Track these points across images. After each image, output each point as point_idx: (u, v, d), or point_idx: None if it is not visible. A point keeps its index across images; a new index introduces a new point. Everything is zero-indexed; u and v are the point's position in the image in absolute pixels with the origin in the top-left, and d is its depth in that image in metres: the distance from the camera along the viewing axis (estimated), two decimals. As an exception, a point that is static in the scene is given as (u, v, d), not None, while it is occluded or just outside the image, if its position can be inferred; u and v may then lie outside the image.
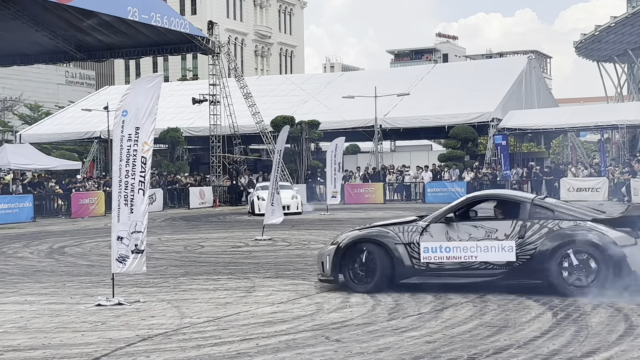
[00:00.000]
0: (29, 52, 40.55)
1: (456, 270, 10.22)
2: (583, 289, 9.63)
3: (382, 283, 10.40)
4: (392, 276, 10.42)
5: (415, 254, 10.33)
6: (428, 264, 10.30)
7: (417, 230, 10.43)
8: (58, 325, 8.84)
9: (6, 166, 33.32)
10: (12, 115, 62.68)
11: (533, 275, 9.91)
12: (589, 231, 9.77)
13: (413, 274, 10.39)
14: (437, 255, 10.26)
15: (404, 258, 10.34)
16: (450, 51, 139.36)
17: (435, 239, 10.30)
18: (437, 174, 38.34)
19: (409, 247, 10.36)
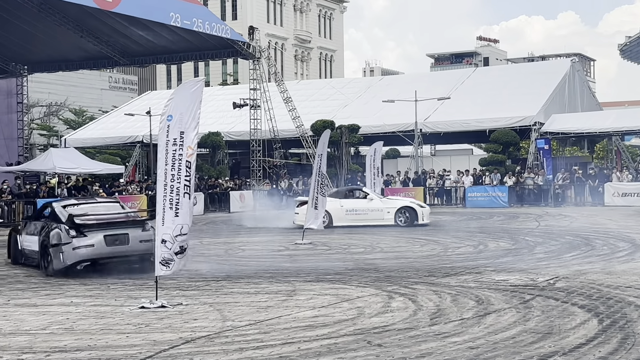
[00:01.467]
0: (74, 58, 41.26)
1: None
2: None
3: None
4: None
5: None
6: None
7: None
8: (103, 327, 8.97)
9: (52, 170, 33.90)
10: (58, 120, 63.77)
11: None
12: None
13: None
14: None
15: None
16: (491, 55, 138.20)
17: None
18: (478, 178, 38.01)
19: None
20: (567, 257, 15.17)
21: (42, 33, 37.09)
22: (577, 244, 17.40)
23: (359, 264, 14.75)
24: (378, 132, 41.09)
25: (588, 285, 11.26)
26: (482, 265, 14.09)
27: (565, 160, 44.95)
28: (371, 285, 11.77)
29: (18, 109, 41.58)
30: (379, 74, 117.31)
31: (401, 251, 17.12)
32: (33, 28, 36.31)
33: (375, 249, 17.82)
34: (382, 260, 15.32)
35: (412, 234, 21.29)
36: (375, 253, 16.91)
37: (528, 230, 21.75)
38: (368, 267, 14.18)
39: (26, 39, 37.89)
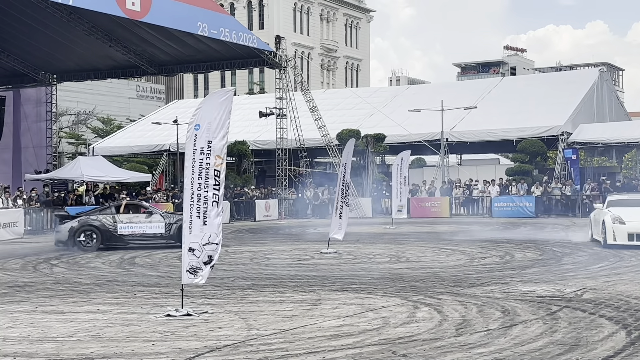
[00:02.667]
0: (102, 67, 41.73)
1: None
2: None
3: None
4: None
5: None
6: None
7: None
8: (129, 335, 9.03)
9: (80, 178, 34.27)
10: (86, 129, 64.45)
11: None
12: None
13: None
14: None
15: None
16: (518, 64, 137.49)
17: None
18: (504, 188, 37.78)
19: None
20: (595, 268, 15.02)
21: (71, 42, 37.56)
22: (605, 255, 17.21)
23: (384, 274, 14.71)
24: (404, 141, 41.02)
25: (616, 297, 11.13)
26: (508, 275, 13.99)
27: (593, 171, 44.51)
28: (396, 295, 11.73)
29: (47, 117, 42.11)
30: (405, 83, 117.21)
31: (427, 261, 17.06)
32: (62, 37, 36.78)
33: (401, 258, 17.77)
34: (408, 270, 15.27)
35: (439, 244, 21.20)
36: (400, 263, 16.86)
37: (555, 241, 21.55)
38: (393, 277, 14.14)
39: (55, 48, 38.39)
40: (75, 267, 17.22)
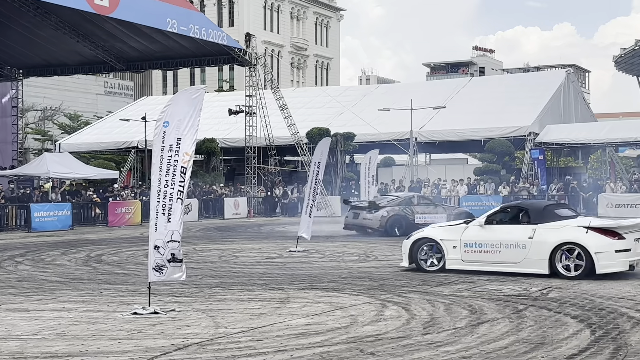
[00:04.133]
0: (70, 62, 41.27)
1: None
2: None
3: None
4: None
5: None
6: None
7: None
8: (95, 333, 8.94)
9: (46, 174, 33.82)
10: (52, 125, 63.67)
11: None
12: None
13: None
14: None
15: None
16: (487, 65, 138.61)
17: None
18: (472, 187, 38.06)
19: None
20: (561, 267, 15.17)
21: (38, 37, 37.07)
22: (571, 255, 17.38)
23: (353, 272, 14.75)
24: (373, 140, 41.12)
25: (581, 296, 11.28)
26: (475, 274, 14.09)
27: (559, 171, 45.03)
28: (365, 294, 11.76)
29: (13, 112, 41.54)
30: (374, 82, 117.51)
31: (395, 260, 17.10)
32: (29, 32, 36.29)
33: (369, 257, 17.82)
34: (376, 269, 15.32)
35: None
36: (369, 261, 16.91)
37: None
38: (362, 276, 14.18)
39: (22, 42, 37.86)
40: (40, 264, 17.01)
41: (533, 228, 13.46)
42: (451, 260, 14.16)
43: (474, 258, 13.94)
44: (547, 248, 13.18)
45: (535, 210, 13.89)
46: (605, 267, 12.87)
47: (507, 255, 13.59)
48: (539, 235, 13.34)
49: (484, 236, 13.90)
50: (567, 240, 13.10)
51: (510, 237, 13.64)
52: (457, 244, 14.08)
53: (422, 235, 14.66)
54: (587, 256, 12.86)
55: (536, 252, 13.28)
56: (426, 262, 14.45)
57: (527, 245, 13.36)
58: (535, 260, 13.28)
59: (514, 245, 13.48)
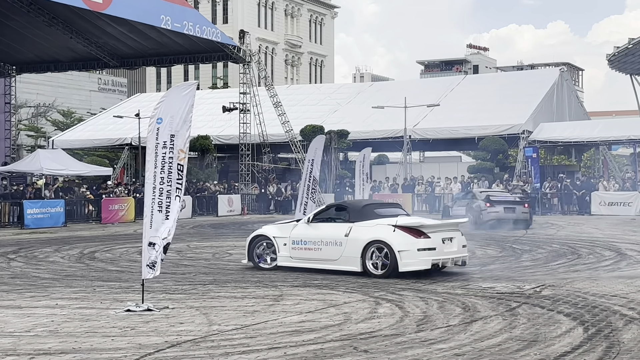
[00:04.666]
0: (63, 59, 41.14)
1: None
2: None
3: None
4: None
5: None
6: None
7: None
8: (88, 330, 8.92)
9: (39, 171, 33.73)
10: (45, 121, 63.49)
11: None
12: None
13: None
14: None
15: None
16: (481, 62, 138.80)
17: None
18: (466, 185, 38.10)
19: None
20: (554, 265, 15.23)
21: (31, 33, 36.95)
22: (564, 253, 17.47)
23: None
24: (367, 137, 41.14)
25: (574, 294, 11.31)
26: (469, 272, 14.12)
27: (552, 169, 45.15)
28: (358, 291, 11.77)
29: (6, 109, 41.40)
30: (368, 79, 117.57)
31: (388, 257, 17.10)
32: (22, 28, 36.17)
33: (363, 254, 17.78)
34: (370, 266, 15.30)
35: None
36: (362, 259, 16.88)
37: (515, 238, 21.81)
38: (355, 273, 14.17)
39: (15, 39, 37.73)
40: (33, 261, 16.97)
41: (349, 226, 13.73)
42: (282, 257, 14.28)
43: (300, 255, 14.04)
44: (359, 246, 13.46)
45: (354, 209, 14.21)
46: (407, 265, 13.08)
47: (327, 252, 13.82)
48: (354, 233, 13.61)
49: (309, 234, 14.05)
50: (376, 238, 13.35)
51: (330, 234, 13.87)
52: (287, 241, 14.22)
53: (259, 233, 14.70)
54: (392, 254, 13.09)
55: (351, 250, 13.55)
56: (262, 258, 14.51)
57: (343, 243, 13.64)
58: (349, 258, 13.56)
59: (333, 243, 13.73)
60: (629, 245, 19.05)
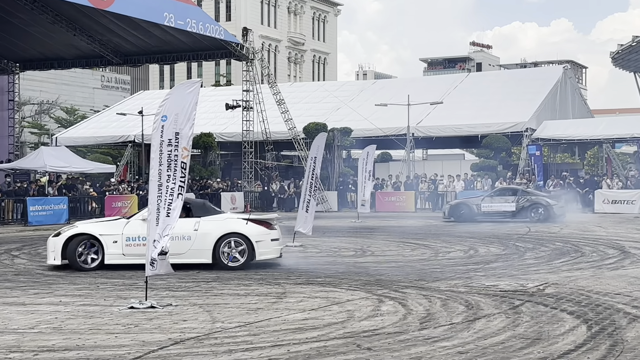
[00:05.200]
0: (67, 56, 41.17)
1: None
2: None
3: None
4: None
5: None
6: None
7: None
8: (92, 327, 8.94)
9: (42, 168, 33.79)
10: (49, 119, 63.57)
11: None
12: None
13: None
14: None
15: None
16: (484, 60, 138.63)
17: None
18: (469, 183, 38.08)
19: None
20: (557, 263, 15.22)
21: (35, 31, 36.98)
22: (567, 251, 17.45)
23: (350, 267, 14.76)
24: (370, 135, 41.11)
25: (577, 292, 11.30)
26: (472, 270, 14.12)
27: (556, 167, 45.13)
28: (361, 289, 11.77)
29: (9, 106, 41.44)
30: (371, 77, 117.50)
31: (391, 255, 17.14)
32: (26, 25, 36.20)
33: (366, 252, 17.83)
34: (373, 264, 15.33)
35: (404, 239, 21.32)
36: (365, 256, 16.92)
37: (518, 236, 21.80)
38: (358, 271, 14.19)
39: (19, 36, 37.76)
40: (37, 258, 17.00)
41: (197, 221, 14.28)
42: (111, 255, 14.21)
43: (137, 252, 13.94)
44: (211, 239, 14.16)
45: (197, 205, 14.91)
46: (263, 254, 14.46)
47: (173, 247, 13.63)
48: (203, 227, 14.21)
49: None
50: (232, 230, 14.25)
51: (177, 229, 13.83)
52: (119, 238, 14.21)
53: (79, 231, 14.39)
54: (249, 245, 14.22)
55: (201, 243, 14.15)
56: (82, 257, 14.22)
57: (192, 237, 14.12)
58: (199, 251, 14.14)
59: (180, 237, 13.90)
60: (633, 243, 19.03)
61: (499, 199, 28.80)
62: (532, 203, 28.21)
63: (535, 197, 28.87)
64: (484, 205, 28.71)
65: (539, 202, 28.34)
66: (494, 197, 28.98)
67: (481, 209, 28.67)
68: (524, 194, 28.81)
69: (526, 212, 28.01)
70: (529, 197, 28.56)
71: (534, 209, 28.09)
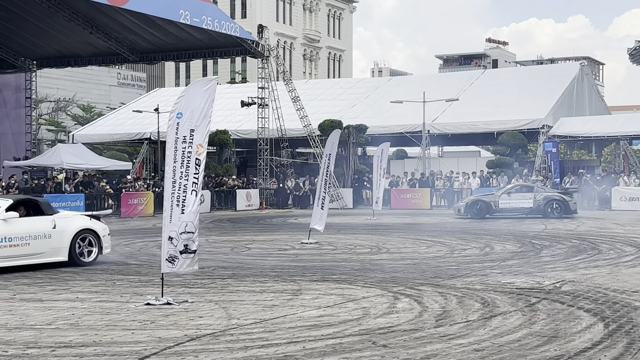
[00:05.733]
0: (83, 54, 41.38)
1: None
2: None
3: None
4: None
5: None
6: None
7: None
8: (108, 323, 8.99)
9: (59, 165, 33.99)
10: (66, 116, 63.93)
11: None
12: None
13: None
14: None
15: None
16: (500, 57, 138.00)
17: None
18: (485, 180, 37.94)
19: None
20: (574, 260, 15.14)
21: (52, 28, 37.20)
22: (584, 248, 17.36)
23: (365, 265, 14.75)
24: (385, 132, 41.03)
25: (594, 289, 11.23)
26: (488, 267, 14.07)
27: (572, 164, 44.83)
28: (377, 286, 11.76)
29: (26, 104, 41.71)
30: (387, 74, 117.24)
31: (407, 252, 17.11)
32: (43, 23, 36.41)
33: (381, 249, 17.82)
34: (388, 261, 15.31)
35: (419, 236, 21.27)
36: (381, 254, 16.91)
37: (534, 233, 21.70)
38: (374, 268, 14.18)
39: (36, 34, 37.99)
40: (54, 255, 17.07)
41: (53, 219, 14.23)
42: None
43: (3, 254, 13.46)
44: (68, 236, 14.23)
45: (45, 203, 14.99)
46: (107, 248, 15.08)
47: (35, 246, 13.90)
48: (59, 224, 14.21)
49: (11, 230, 13.63)
50: (85, 227, 14.66)
51: (37, 228, 14.00)
52: None
53: None
54: (98, 240, 14.73)
55: (59, 241, 14.13)
56: None
57: (52, 235, 14.07)
58: (57, 249, 14.12)
59: (42, 236, 13.91)
60: (650, 241, 18.88)
61: (516, 195, 29.03)
62: (549, 200, 28.46)
63: (552, 193, 29.28)
64: (502, 202, 28.87)
65: (555, 198, 28.60)
66: (511, 194, 29.18)
67: (498, 205, 28.85)
68: (540, 191, 29.15)
69: (543, 208, 28.27)
70: (546, 194, 28.90)
71: (550, 205, 28.35)
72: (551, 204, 28.33)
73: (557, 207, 28.18)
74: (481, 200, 29.42)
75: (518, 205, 28.67)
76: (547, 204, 28.30)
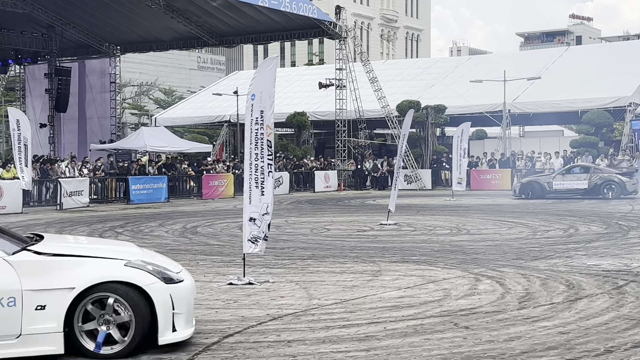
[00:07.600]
0: (164, 38, 42.18)
1: None
2: None
3: None
4: None
5: None
6: None
7: None
8: (193, 302, 9.16)
9: (143, 148, 34.82)
10: (148, 100, 65.44)
11: None
12: None
13: None
14: None
15: None
16: (584, 33, 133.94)
17: None
18: (568, 160, 36.99)
19: None
20: (663, 242, 14.63)
21: (135, 14, 38.02)
22: (674, 230, 16.75)
23: (445, 246, 14.62)
24: (465, 112, 40.45)
25: (686, 273, 10.84)
26: (572, 249, 13.75)
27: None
28: (457, 267, 11.65)
29: (111, 88, 42.84)
30: (466, 53, 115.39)
31: (488, 233, 16.88)
32: (126, 9, 37.25)
33: (462, 230, 17.63)
34: (469, 243, 15.14)
35: (500, 217, 20.95)
36: (461, 235, 16.73)
37: (621, 214, 21.07)
38: (454, 249, 14.04)
39: (119, 20, 38.92)
40: (139, 235, 17.57)
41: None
42: None
43: None
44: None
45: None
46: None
47: None
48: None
49: None
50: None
51: None
52: None
53: None
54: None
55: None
56: None
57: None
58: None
59: None
60: None
61: (571, 176, 28.79)
62: (605, 180, 28.15)
63: (608, 174, 28.80)
64: (556, 183, 28.69)
65: (612, 179, 28.20)
66: (566, 175, 28.96)
67: (552, 186, 28.66)
68: (596, 171, 28.86)
69: (599, 189, 27.99)
70: (602, 175, 28.56)
71: (607, 186, 28.01)
72: (607, 185, 27.93)
73: (614, 188, 27.73)
74: (535, 181, 29.25)
75: (572, 186, 28.46)
76: (603, 185, 27.92)
